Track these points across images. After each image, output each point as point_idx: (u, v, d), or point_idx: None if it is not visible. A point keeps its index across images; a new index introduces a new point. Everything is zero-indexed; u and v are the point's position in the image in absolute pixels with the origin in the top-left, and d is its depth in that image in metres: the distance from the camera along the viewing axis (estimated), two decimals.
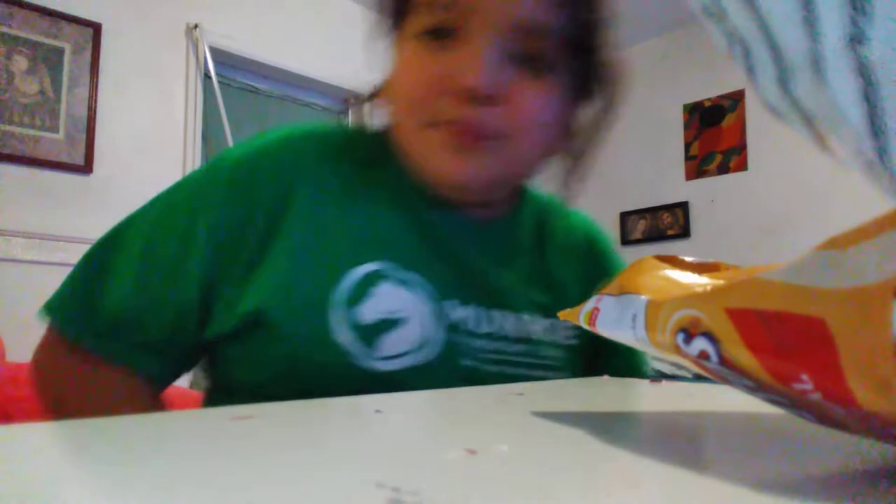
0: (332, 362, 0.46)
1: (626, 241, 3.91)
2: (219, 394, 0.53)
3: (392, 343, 0.47)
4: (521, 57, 0.49)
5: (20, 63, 2.24)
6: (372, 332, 0.47)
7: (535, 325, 0.54)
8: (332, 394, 0.36)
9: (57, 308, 0.51)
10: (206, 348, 0.52)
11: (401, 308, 0.48)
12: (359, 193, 0.52)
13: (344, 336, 0.46)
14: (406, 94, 0.50)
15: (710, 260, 0.29)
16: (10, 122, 2.19)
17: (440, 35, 0.49)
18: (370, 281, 0.48)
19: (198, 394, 0.72)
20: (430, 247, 0.53)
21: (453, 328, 0.50)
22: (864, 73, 0.15)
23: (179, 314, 0.49)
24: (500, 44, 0.48)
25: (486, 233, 0.56)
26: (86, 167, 2.33)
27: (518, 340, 0.53)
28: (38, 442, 0.22)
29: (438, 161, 0.50)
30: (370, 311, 0.47)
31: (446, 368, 0.49)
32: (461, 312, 0.51)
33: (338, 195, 0.51)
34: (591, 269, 0.62)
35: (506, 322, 0.53)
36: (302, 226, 0.49)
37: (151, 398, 0.51)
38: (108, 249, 0.53)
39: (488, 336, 0.52)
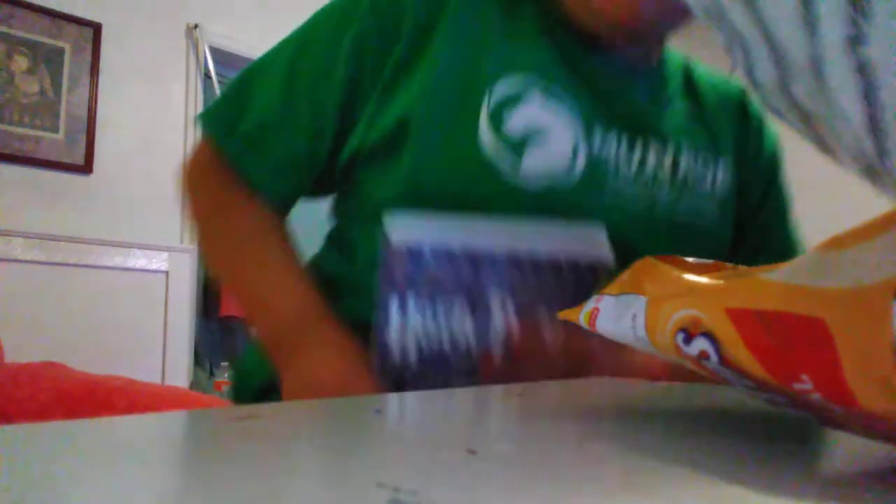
0: (474, 173, 0.44)
1: None
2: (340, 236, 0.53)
3: (538, 157, 0.45)
4: None
5: (20, 63, 2.24)
6: (519, 145, 0.45)
7: (691, 159, 0.50)
8: (478, 209, 0.38)
9: (209, 114, 0.55)
10: (337, 178, 0.53)
11: (549, 123, 0.46)
12: (510, 23, 0.50)
13: (491, 145, 0.44)
14: None
15: (710, 260, 0.29)
16: (10, 122, 2.19)
17: None
18: (519, 96, 0.46)
19: (197, 394, 0.73)
20: (580, 78, 0.50)
21: (604, 159, 0.47)
22: (864, 73, 0.15)
23: (320, 122, 0.50)
24: None
25: (637, 74, 0.54)
26: (86, 167, 2.33)
27: (669, 177, 0.48)
28: (38, 442, 0.22)
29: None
30: (518, 120, 0.45)
31: (582, 202, 0.46)
32: (607, 141, 0.48)
33: (489, 19, 0.49)
34: (745, 128, 0.60)
35: (658, 153, 0.49)
36: (452, 41, 0.48)
37: (280, 238, 0.53)
38: (259, 69, 0.54)
39: (639, 169, 0.48)
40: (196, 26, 2.64)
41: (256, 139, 0.51)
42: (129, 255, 2.40)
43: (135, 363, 2.27)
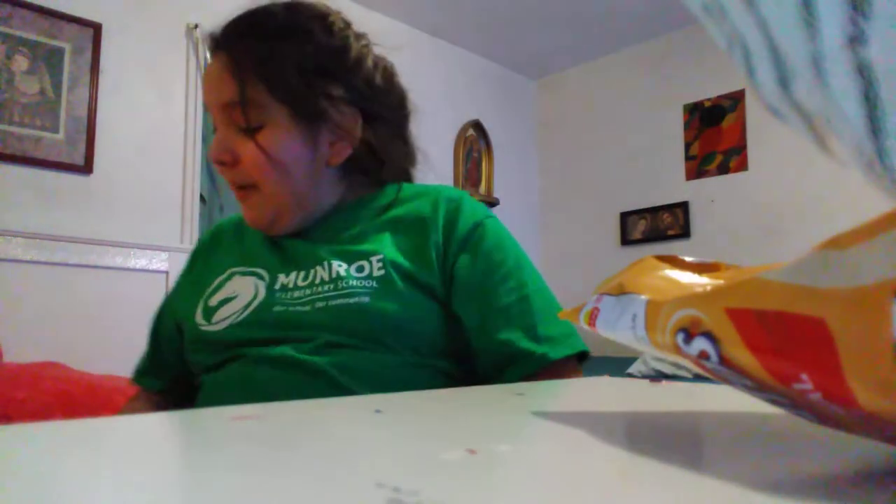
0: (194, 335, 0.71)
1: (626, 241, 3.91)
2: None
3: (223, 312, 0.70)
4: (239, 126, 0.69)
5: (20, 63, 2.24)
6: (213, 309, 0.71)
7: (341, 268, 0.68)
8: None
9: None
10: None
11: (236, 290, 0.72)
12: (237, 235, 0.81)
13: (198, 316, 0.71)
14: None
15: (710, 260, 0.29)
16: (10, 122, 2.19)
17: (214, 129, 0.72)
18: (227, 278, 0.74)
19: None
20: (272, 251, 0.75)
21: (281, 290, 0.69)
22: (864, 73, 0.15)
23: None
24: (223, 123, 0.70)
25: (307, 233, 0.76)
26: (86, 167, 2.33)
27: (328, 281, 0.68)
28: (38, 442, 0.22)
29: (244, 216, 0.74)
30: (217, 297, 0.72)
31: (259, 320, 0.67)
32: (285, 279, 0.70)
33: (229, 243, 0.81)
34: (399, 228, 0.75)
35: (320, 273, 0.69)
36: (202, 264, 0.80)
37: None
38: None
39: (308, 286, 0.68)
40: (196, 26, 2.64)
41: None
42: (129, 255, 2.40)
43: (135, 363, 2.26)
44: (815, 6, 0.15)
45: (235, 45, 0.70)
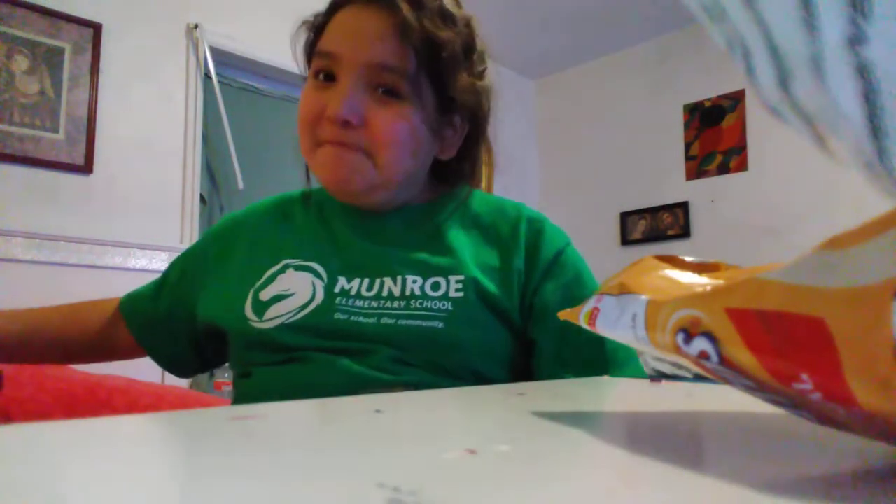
0: (240, 329, 0.66)
1: (626, 241, 3.91)
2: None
3: (276, 310, 0.65)
4: (379, 89, 0.65)
5: (20, 63, 2.24)
6: (266, 305, 0.66)
7: (416, 284, 0.65)
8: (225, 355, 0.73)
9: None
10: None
11: (291, 286, 0.67)
12: (284, 221, 0.76)
13: (248, 310, 0.66)
14: (300, 121, 0.69)
15: (710, 260, 0.29)
16: (10, 122, 2.19)
17: (325, 77, 0.66)
18: (280, 271, 0.69)
19: (197, 394, 0.77)
20: (328, 242, 0.72)
21: (342, 294, 0.65)
22: (864, 73, 0.15)
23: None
24: (359, 81, 0.64)
25: (376, 223, 0.72)
26: (86, 167, 2.33)
27: (399, 297, 0.64)
28: (38, 442, 0.22)
29: (322, 174, 0.68)
30: (268, 292, 0.67)
31: (316, 325, 0.63)
32: (347, 284, 0.66)
33: (269, 228, 0.76)
34: (488, 239, 0.71)
35: (389, 285, 0.65)
36: (242, 251, 0.74)
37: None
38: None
39: (375, 297, 0.65)
40: (196, 26, 2.64)
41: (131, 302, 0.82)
42: (129, 255, 2.40)
43: (135, 363, 2.26)
44: (815, 6, 0.15)
45: (407, 8, 0.65)
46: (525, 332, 0.66)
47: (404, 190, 0.71)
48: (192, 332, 0.76)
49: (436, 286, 0.65)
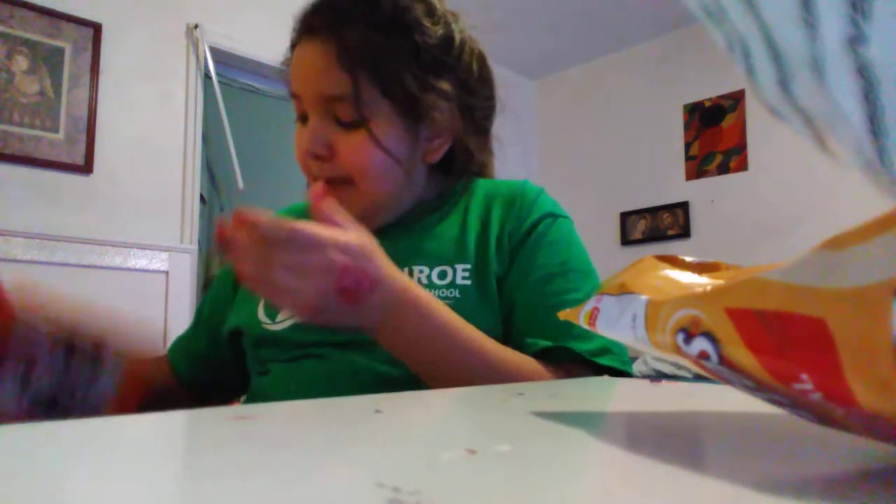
0: (255, 332, 0.69)
1: (626, 241, 3.91)
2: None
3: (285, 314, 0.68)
4: (339, 120, 0.66)
5: (20, 63, 2.24)
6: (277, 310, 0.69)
7: (422, 274, 0.66)
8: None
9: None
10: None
11: None
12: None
13: (260, 313, 0.69)
14: (297, 161, 0.71)
15: (710, 260, 0.29)
16: (10, 122, 2.19)
17: (302, 118, 0.70)
18: None
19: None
20: None
21: None
22: (864, 73, 0.15)
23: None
24: (322, 116, 0.66)
25: (388, 230, 0.73)
26: (86, 167, 2.33)
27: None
28: (38, 442, 0.22)
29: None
30: None
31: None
32: None
33: None
34: (493, 212, 0.72)
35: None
36: None
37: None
38: None
39: None
40: (196, 26, 2.64)
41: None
42: (129, 255, 2.40)
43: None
44: (815, 6, 0.15)
45: (344, 32, 0.65)
46: (503, 285, 0.67)
47: (403, 201, 0.72)
48: (234, 352, 0.77)
49: (443, 274, 0.65)
